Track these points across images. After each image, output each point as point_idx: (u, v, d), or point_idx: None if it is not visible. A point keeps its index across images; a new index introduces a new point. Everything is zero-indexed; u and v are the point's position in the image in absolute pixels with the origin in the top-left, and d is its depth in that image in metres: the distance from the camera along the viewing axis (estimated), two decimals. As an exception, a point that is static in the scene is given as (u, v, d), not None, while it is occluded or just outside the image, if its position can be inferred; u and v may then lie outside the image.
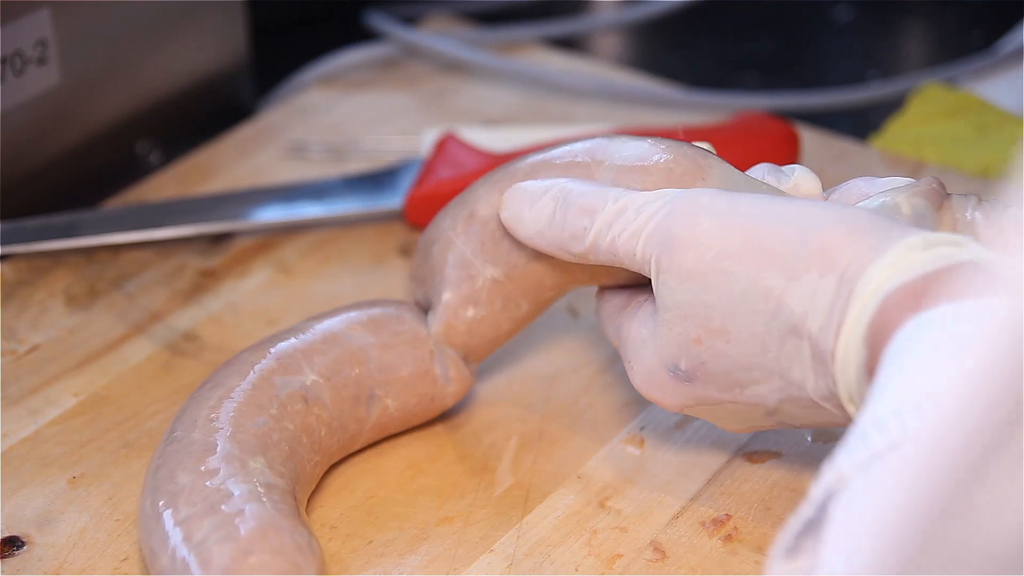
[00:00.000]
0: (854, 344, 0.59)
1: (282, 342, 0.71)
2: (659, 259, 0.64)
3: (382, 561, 0.68)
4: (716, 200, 0.64)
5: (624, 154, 0.68)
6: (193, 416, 0.68)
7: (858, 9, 1.11)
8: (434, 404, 0.73)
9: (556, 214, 0.68)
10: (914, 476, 0.48)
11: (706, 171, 0.67)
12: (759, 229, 0.62)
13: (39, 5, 0.84)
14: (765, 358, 0.62)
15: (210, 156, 0.94)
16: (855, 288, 0.59)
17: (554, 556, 0.68)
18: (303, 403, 0.69)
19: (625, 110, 0.97)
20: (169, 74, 0.94)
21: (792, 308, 0.61)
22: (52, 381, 0.78)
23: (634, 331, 0.67)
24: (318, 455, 0.70)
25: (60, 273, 0.85)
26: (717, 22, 1.10)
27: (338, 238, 0.88)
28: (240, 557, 0.62)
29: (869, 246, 0.60)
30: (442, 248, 0.73)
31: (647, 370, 0.66)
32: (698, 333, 0.63)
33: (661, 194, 0.65)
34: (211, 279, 0.85)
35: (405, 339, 0.72)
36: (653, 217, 0.64)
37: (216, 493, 0.64)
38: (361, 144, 0.94)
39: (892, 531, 0.48)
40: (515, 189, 0.70)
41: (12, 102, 0.85)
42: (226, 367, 0.70)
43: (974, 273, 0.58)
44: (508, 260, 0.72)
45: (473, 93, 0.99)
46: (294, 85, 1.00)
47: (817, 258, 0.60)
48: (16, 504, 0.71)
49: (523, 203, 0.69)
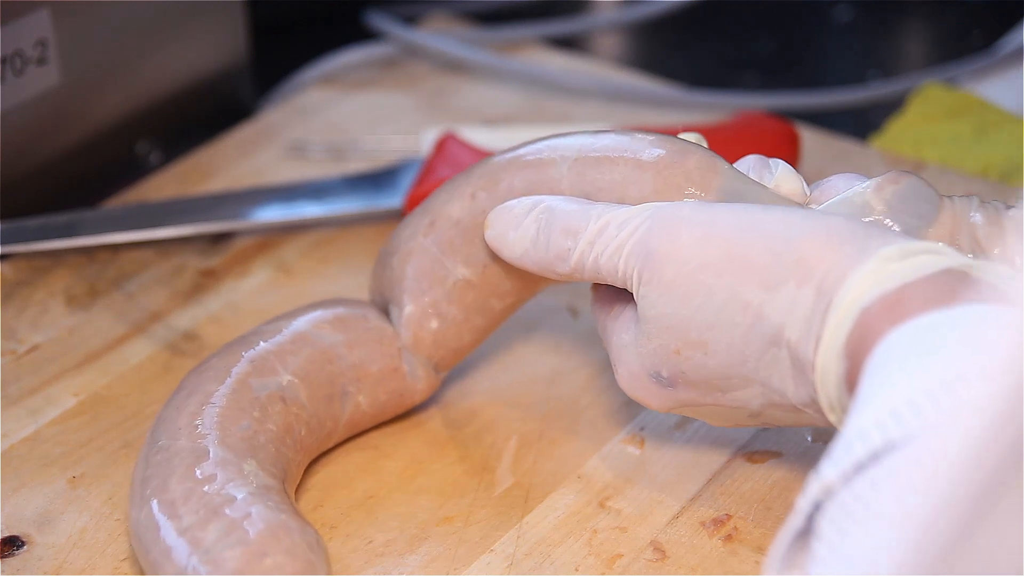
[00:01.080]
0: (833, 356, 0.59)
1: (251, 345, 0.71)
2: (640, 272, 0.64)
3: (382, 561, 0.68)
4: (696, 213, 0.64)
5: (596, 146, 0.69)
6: (174, 424, 0.67)
7: (858, 9, 1.11)
8: (403, 400, 0.74)
9: (540, 236, 0.68)
10: (936, 464, 0.48)
11: (691, 158, 0.67)
12: (738, 241, 0.62)
13: (39, 5, 0.84)
14: (744, 368, 0.63)
15: (210, 156, 0.94)
16: (833, 300, 0.59)
17: (554, 556, 0.68)
18: (282, 403, 0.69)
19: (625, 110, 0.97)
20: (169, 74, 0.94)
21: (771, 319, 0.61)
22: (52, 381, 0.78)
23: (616, 336, 0.68)
24: (300, 454, 0.70)
25: (60, 273, 0.85)
26: (717, 22, 1.10)
27: (338, 238, 0.88)
28: (255, 560, 0.62)
29: (846, 255, 0.60)
30: (402, 260, 0.73)
31: (630, 374, 0.67)
32: (677, 345, 0.64)
33: (642, 208, 0.65)
34: (211, 279, 0.85)
35: (372, 336, 0.73)
36: (635, 232, 0.65)
37: (217, 498, 0.64)
38: (361, 144, 0.94)
39: (918, 523, 0.48)
40: (499, 210, 0.70)
41: (12, 102, 0.85)
42: (197, 374, 0.70)
43: (953, 281, 0.58)
44: (480, 259, 0.72)
45: (473, 93, 0.99)
46: (294, 85, 1.00)
47: (794, 269, 0.60)
48: (16, 504, 0.71)
49: (507, 225, 0.69)
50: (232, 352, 0.71)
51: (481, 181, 0.72)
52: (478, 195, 0.72)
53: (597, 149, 0.69)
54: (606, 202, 0.68)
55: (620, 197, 0.68)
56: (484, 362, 0.78)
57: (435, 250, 0.73)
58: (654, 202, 0.66)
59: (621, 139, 0.69)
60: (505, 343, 0.80)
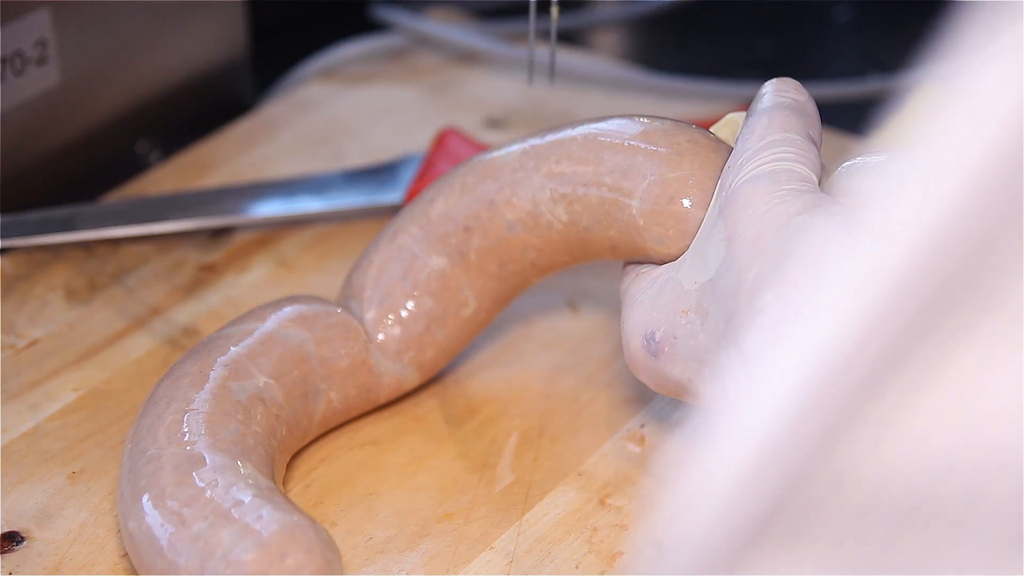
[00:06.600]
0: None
1: (221, 350, 0.71)
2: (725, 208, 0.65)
3: (382, 558, 0.68)
4: (818, 213, 0.62)
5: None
6: (159, 433, 0.67)
7: (858, 9, 1.11)
8: (371, 395, 0.74)
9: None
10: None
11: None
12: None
13: (39, 5, 0.84)
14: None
15: (210, 150, 0.94)
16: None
17: (554, 553, 0.68)
18: (263, 405, 0.69)
19: (626, 107, 0.97)
20: (170, 72, 0.94)
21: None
22: (51, 376, 0.78)
23: (634, 288, 0.68)
24: (283, 454, 0.70)
25: (59, 267, 0.85)
26: (717, 21, 1.10)
27: (338, 233, 0.88)
28: (276, 560, 0.61)
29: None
30: (380, 260, 0.74)
31: (632, 330, 0.67)
32: (686, 307, 0.64)
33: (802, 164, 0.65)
34: (211, 274, 0.85)
35: (338, 332, 0.73)
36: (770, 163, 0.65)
37: (224, 503, 0.63)
38: (362, 138, 0.94)
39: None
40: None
41: (12, 102, 0.84)
42: (171, 380, 0.69)
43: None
44: (460, 251, 0.72)
45: (474, 88, 0.99)
46: (295, 79, 1.00)
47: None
48: (15, 499, 0.71)
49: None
50: (202, 357, 0.70)
51: (467, 179, 0.73)
52: (451, 197, 0.73)
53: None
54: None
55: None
56: (484, 359, 0.78)
57: (415, 249, 0.73)
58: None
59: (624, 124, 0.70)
60: (505, 339, 0.80)
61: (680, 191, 0.68)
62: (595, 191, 0.69)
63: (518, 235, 0.72)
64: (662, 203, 0.68)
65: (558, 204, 0.70)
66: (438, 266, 0.73)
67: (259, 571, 0.61)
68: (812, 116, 0.68)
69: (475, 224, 0.72)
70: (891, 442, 0.40)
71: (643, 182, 0.68)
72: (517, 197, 0.71)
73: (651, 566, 0.46)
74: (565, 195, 0.70)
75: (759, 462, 0.41)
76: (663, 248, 0.68)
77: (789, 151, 0.65)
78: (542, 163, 0.71)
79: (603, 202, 0.69)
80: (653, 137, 0.69)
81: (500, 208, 0.72)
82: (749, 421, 0.42)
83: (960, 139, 0.39)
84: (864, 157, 0.65)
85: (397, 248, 0.74)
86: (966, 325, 0.39)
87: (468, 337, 0.75)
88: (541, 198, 0.71)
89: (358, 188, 0.89)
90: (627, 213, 0.69)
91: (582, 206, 0.70)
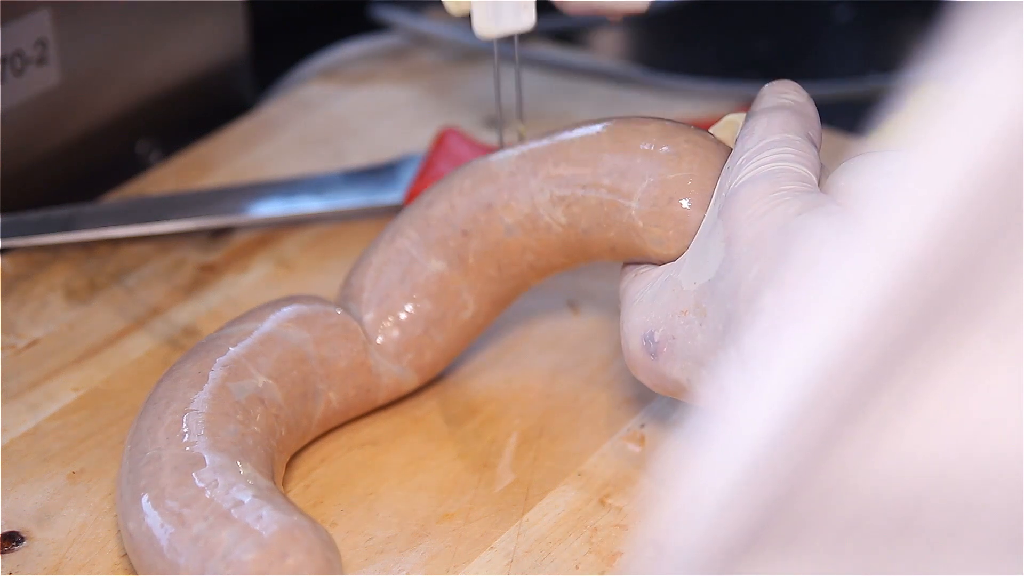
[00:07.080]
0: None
1: (220, 350, 0.70)
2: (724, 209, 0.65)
3: (382, 558, 0.68)
4: (816, 216, 0.62)
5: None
6: (158, 433, 0.67)
7: (858, 9, 1.11)
8: (370, 396, 0.74)
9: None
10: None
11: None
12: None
13: (39, 5, 0.84)
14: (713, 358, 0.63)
15: (210, 150, 0.94)
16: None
17: (554, 553, 0.68)
18: (262, 405, 0.69)
19: (626, 108, 0.97)
20: (170, 72, 0.94)
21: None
22: (51, 376, 0.78)
23: (633, 287, 0.68)
24: (282, 454, 0.70)
25: (59, 267, 0.85)
26: (717, 21, 1.10)
27: (339, 233, 0.88)
28: (276, 561, 0.61)
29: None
30: (379, 262, 0.74)
31: (631, 329, 0.67)
32: (686, 307, 0.64)
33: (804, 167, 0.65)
34: (211, 273, 0.85)
35: (337, 332, 0.73)
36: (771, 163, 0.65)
37: (224, 503, 0.63)
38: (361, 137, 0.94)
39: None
40: None
41: (12, 102, 0.85)
42: (171, 381, 0.69)
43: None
44: (458, 254, 0.72)
45: (474, 88, 0.99)
46: (295, 79, 1.00)
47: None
48: (15, 499, 0.71)
49: None
50: (201, 358, 0.70)
51: (465, 182, 0.73)
52: (449, 200, 0.73)
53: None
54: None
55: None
56: (484, 359, 0.78)
57: (414, 252, 0.73)
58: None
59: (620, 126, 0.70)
60: (505, 340, 0.80)
61: (679, 192, 0.68)
62: (594, 193, 0.69)
63: (516, 238, 0.72)
64: (661, 204, 0.68)
65: (557, 206, 0.70)
66: (437, 269, 0.73)
67: (259, 571, 0.61)
68: (811, 117, 0.68)
69: (473, 228, 0.72)
70: (887, 446, 0.40)
71: (642, 183, 0.68)
72: (515, 200, 0.71)
73: (651, 566, 0.46)
74: (564, 197, 0.70)
75: (757, 463, 0.41)
76: (662, 249, 0.68)
77: (788, 152, 0.65)
78: (540, 166, 0.71)
79: (602, 204, 0.69)
80: (652, 138, 0.69)
81: (498, 211, 0.72)
82: (747, 422, 0.42)
83: (959, 139, 0.39)
84: (863, 157, 0.65)
85: (395, 251, 0.74)
86: (963, 328, 0.39)
87: (467, 340, 0.75)
88: (540, 201, 0.71)
89: (358, 188, 0.89)
90: (626, 215, 0.69)
91: (581, 208, 0.70)
